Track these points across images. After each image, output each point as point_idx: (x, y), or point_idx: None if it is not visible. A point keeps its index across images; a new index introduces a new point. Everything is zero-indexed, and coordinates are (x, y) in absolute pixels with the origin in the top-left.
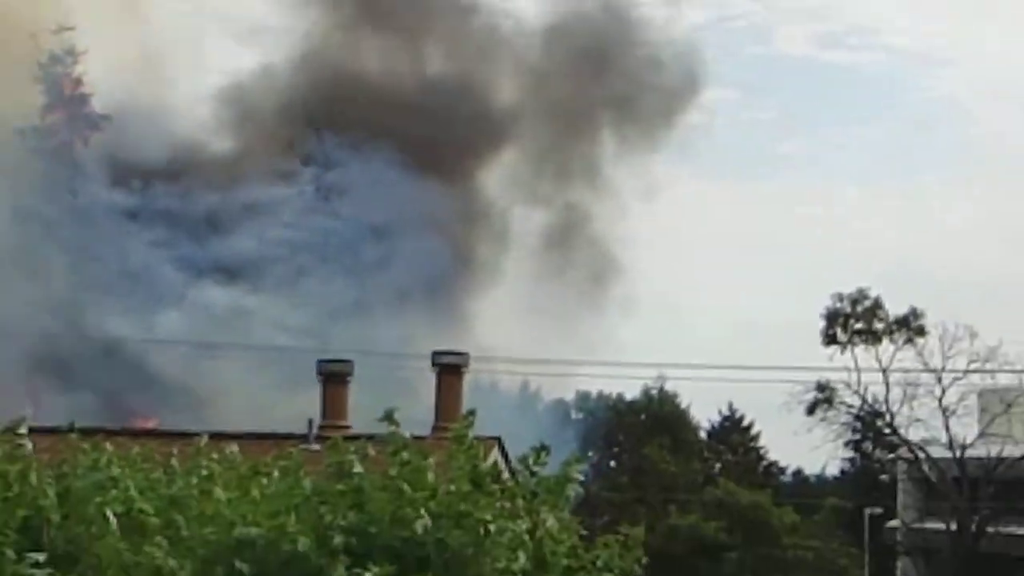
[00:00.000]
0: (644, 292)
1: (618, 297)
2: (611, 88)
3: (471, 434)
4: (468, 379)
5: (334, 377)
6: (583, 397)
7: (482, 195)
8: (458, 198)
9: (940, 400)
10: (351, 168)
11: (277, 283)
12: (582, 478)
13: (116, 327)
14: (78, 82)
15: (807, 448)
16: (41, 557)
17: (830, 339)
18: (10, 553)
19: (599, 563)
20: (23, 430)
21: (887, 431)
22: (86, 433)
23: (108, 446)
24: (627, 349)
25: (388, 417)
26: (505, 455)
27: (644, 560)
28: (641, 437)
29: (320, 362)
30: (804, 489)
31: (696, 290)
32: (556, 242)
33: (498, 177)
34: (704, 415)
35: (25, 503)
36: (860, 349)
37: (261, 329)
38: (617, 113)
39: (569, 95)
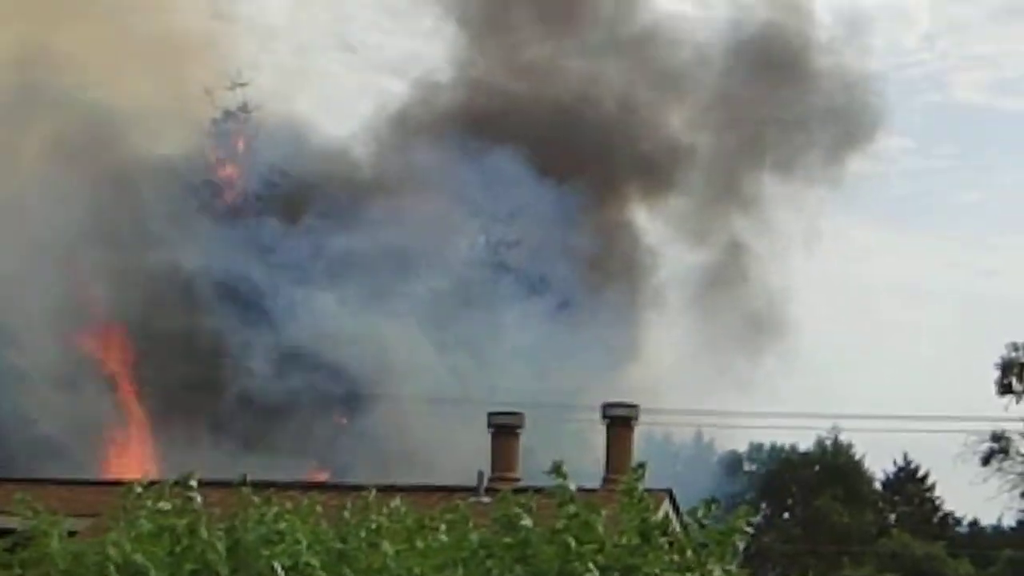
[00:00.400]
0: (815, 340)
1: (782, 344)
2: (783, 131)
3: (641, 487)
4: (640, 430)
5: (504, 429)
6: (756, 448)
7: (639, 231)
8: (616, 235)
9: None
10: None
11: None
12: (751, 530)
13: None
14: (249, 137)
15: (983, 498)
16: None
17: (1005, 388)
18: None
19: None
20: (193, 483)
21: None
22: (257, 486)
23: (279, 501)
24: (798, 399)
25: (556, 470)
26: (676, 507)
27: None
28: (814, 488)
29: (491, 414)
30: (980, 540)
31: (869, 338)
32: (714, 283)
33: (656, 213)
34: (879, 465)
35: (194, 557)
36: None
37: (428, 373)
38: (786, 156)
39: (738, 135)
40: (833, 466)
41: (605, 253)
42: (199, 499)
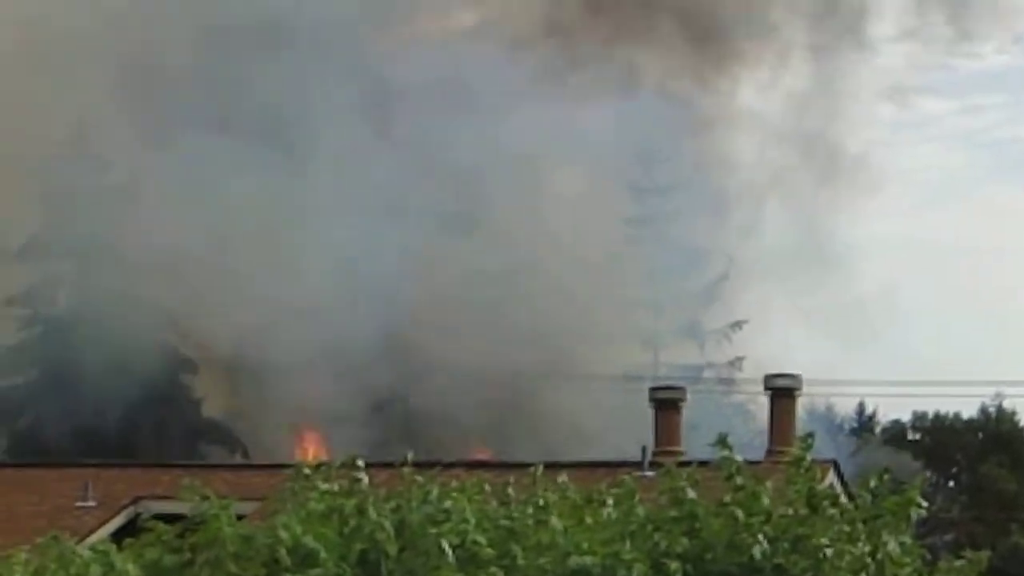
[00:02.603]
0: (976, 307)
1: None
2: None
3: (809, 457)
4: (802, 401)
5: (666, 404)
6: (919, 417)
7: None
8: None
9: None
10: None
11: None
12: (924, 502)
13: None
14: None
15: None
16: None
17: None
18: None
19: None
20: (360, 463)
21: None
22: (420, 466)
23: (444, 479)
24: (962, 366)
25: (721, 442)
26: (841, 478)
27: None
28: (979, 456)
29: (652, 388)
30: None
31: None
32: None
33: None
34: None
35: (362, 537)
36: None
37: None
38: None
39: None
40: (997, 433)
41: None
42: (366, 480)
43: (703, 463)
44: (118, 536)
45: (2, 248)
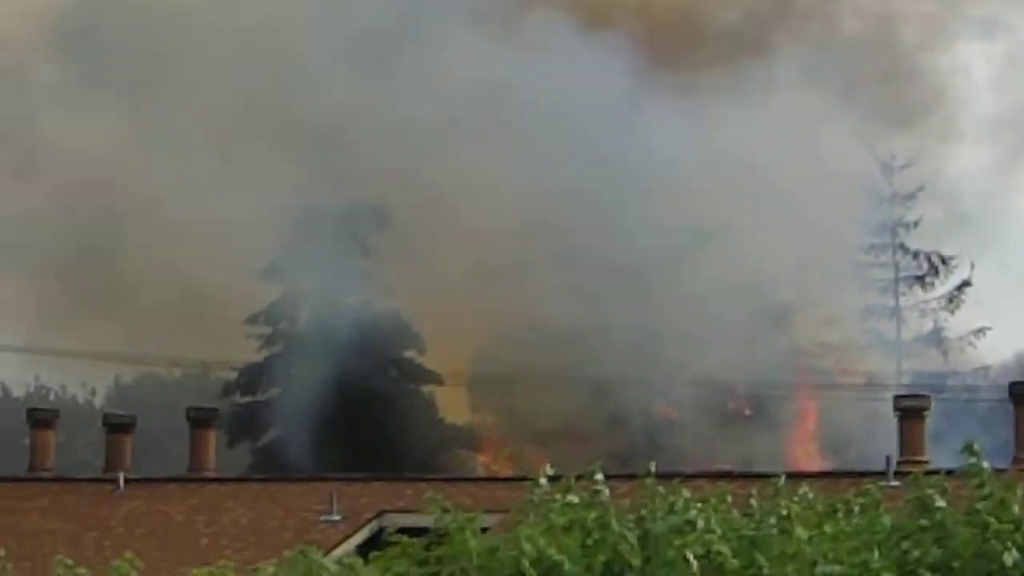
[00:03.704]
0: None
1: None
2: None
3: None
4: None
5: (910, 412)
6: None
7: None
8: None
9: None
10: None
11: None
12: None
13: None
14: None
15: None
16: None
17: None
18: None
19: None
20: (599, 476)
21: None
22: (662, 477)
23: (685, 490)
24: None
25: (968, 448)
26: None
27: None
28: None
29: (897, 397)
30: None
31: None
32: None
33: None
34: None
35: (606, 549)
36: None
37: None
38: None
39: None
40: None
41: None
42: (606, 491)
43: (949, 471)
44: (363, 549)
45: (248, 268)
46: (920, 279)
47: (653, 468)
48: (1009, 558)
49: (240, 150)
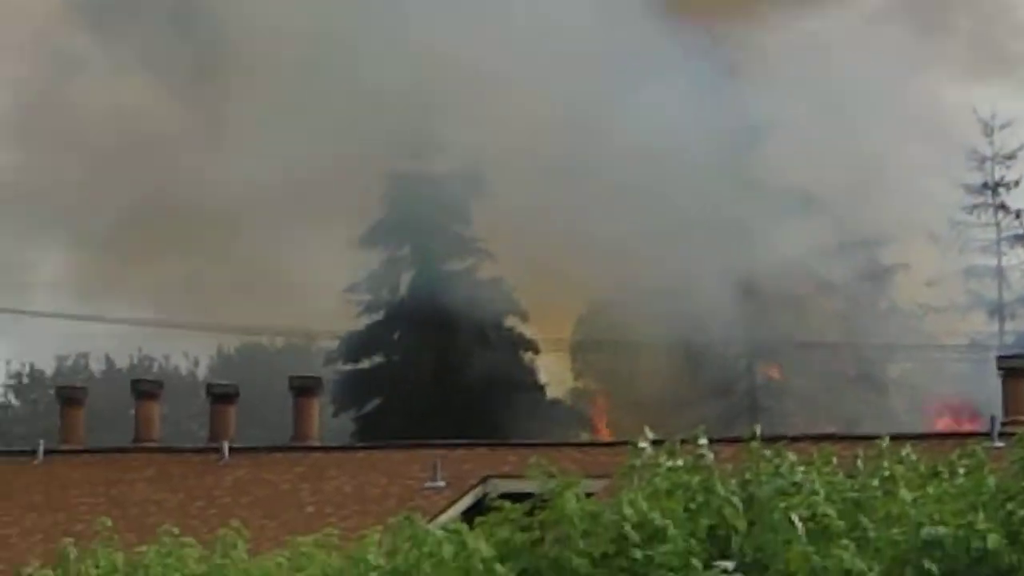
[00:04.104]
0: None
1: None
2: None
3: None
4: None
5: (1014, 372)
6: None
7: None
8: None
9: None
10: None
11: None
12: None
13: None
14: None
15: None
16: (730, 565)
17: None
18: (696, 562)
19: None
20: (703, 440)
21: None
22: (767, 440)
23: (789, 453)
24: None
25: None
26: None
27: None
28: None
29: (1000, 357)
30: None
31: None
32: None
33: None
34: None
35: (710, 512)
36: None
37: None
38: None
39: None
40: None
41: None
42: (710, 455)
43: None
44: (467, 515)
45: (347, 236)
46: (1022, 238)
47: (758, 431)
48: None
49: (308, 111)
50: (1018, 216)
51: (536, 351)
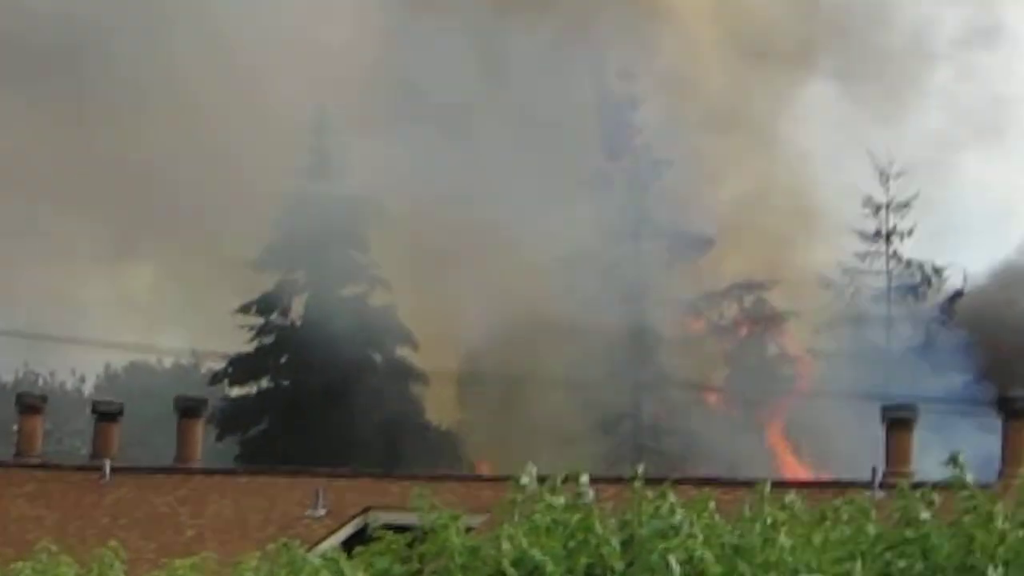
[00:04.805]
0: None
1: None
2: None
3: None
4: None
5: (898, 423)
6: None
7: None
8: None
9: None
10: None
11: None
12: None
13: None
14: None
15: None
16: None
17: None
18: None
19: None
20: (584, 479)
21: None
22: (650, 481)
23: (671, 495)
24: None
25: (953, 461)
26: None
27: None
28: None
29: (884, 408)
30: None
31: None
32: None
33: None
34: None
35: (588, 551)
36: None
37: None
38: None
39: None
40: None
41: None
42: (591, 493)
43: (936, 485)
44: (348, 545)
45: (241, 257)
46: (913, 289)
47: (640, 471)
48: (992, 573)
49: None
50: (908, 266)
51: (425, 382)
